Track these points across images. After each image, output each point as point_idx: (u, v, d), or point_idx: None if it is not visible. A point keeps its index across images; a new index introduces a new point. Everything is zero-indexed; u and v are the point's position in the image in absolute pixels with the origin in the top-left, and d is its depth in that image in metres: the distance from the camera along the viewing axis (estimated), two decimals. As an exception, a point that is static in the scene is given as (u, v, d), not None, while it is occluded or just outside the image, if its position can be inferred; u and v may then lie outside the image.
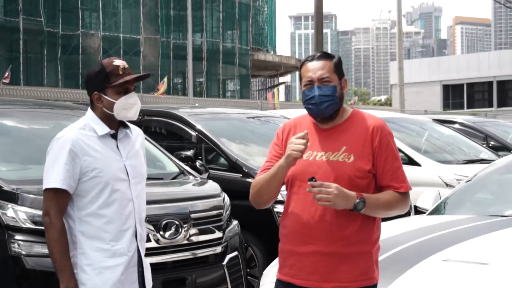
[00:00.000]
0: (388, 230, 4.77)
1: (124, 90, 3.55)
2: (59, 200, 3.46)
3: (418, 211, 6.51)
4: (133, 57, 45.55)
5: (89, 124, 3.58)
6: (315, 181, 3.16)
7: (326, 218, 3.26)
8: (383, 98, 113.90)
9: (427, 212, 5.74)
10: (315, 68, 3.35)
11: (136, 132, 3.76)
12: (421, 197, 6.06)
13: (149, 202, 5.54)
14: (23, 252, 4.91)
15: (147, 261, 3.70)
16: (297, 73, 3.80)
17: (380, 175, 3.32)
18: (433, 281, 3.91)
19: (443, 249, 4.28)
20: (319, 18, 17.04)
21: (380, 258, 3.99)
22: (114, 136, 3.61)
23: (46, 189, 3.48)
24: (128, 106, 3.55)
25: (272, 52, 55.78)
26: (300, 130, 3.43)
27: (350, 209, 3.21)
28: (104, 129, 3.57)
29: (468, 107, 54.23)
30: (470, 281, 3.84)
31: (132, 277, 3.56)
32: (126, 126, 3.69)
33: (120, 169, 3.55)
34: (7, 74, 33.48)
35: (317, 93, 3.31)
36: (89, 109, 3.65)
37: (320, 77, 3.33)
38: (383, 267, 3.87)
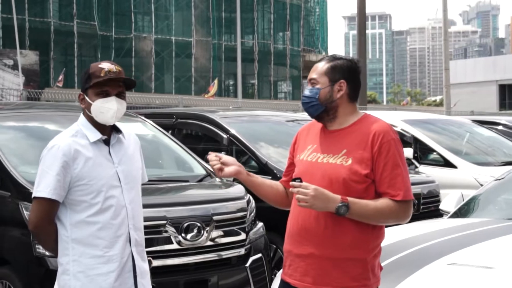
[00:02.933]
0: (401, 233, 4.76)
1: (104, 93, 3.51)
2: (46, 209, 3.47)
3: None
4: (185, 59, 46.02)
5: (81, 130, 3.55)
6: (300, 181, 3.18)
7: (321, 221, 3.27)
8: (438, 98, 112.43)
9: (448, 215, 5.68)
10: (311, 70, 3.47)
11: (130, 137, 3.72)
12: (444, 200, 6.01)
13: (172, 204, 5.70)
14: (47, 253, 4.98)
15: (145, 266, 3.64)
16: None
17: (378, 181, 3.26)
18: (437, 285, 3.89)
19: (451, 252, 4.25)
20: (362, 19, 16.93)
21: (386, 262, 4.00)
22: (106, 142, 3.58)
23: (35, 197, 3.48)
24: (104, 110, 3.50)
25: (323, 53, 55.68)
26: (311, 133, 3.49)
27: (334, 212, 3.20)
28: (95, 135, 3.54)
29: (525, 107, 53.19)
30: (474, 285, 3.82)
31: (127, 283, 3.53)
32: (119, 131, 3.65)
33: (112, 176, 3.52)
34: (60, 77, 34.21)
35: (303, 93, 3.46)
36: (81, 114, 3.62)
37: (309, 78, 3.46)
38: (389, 270, 3.88)
